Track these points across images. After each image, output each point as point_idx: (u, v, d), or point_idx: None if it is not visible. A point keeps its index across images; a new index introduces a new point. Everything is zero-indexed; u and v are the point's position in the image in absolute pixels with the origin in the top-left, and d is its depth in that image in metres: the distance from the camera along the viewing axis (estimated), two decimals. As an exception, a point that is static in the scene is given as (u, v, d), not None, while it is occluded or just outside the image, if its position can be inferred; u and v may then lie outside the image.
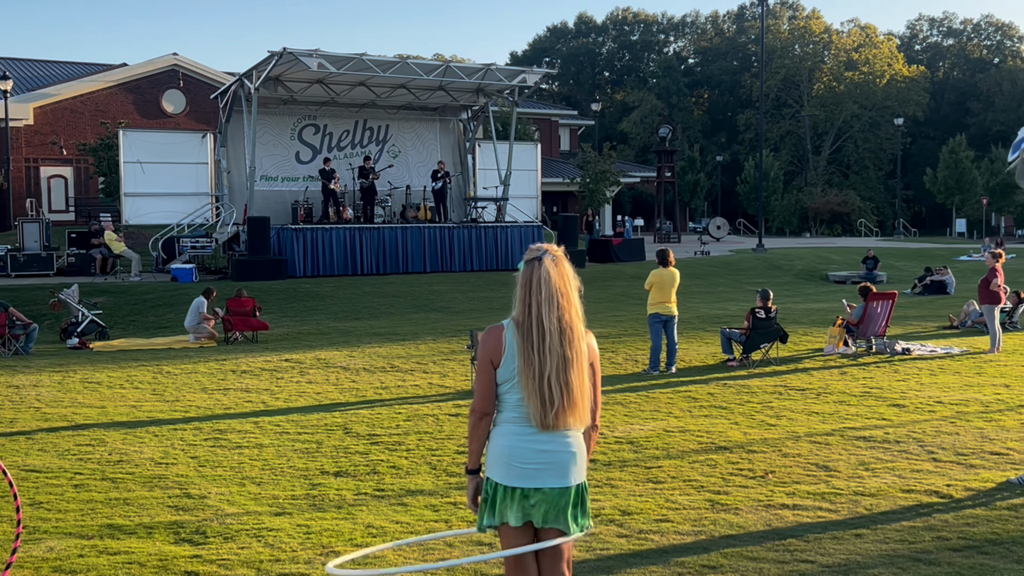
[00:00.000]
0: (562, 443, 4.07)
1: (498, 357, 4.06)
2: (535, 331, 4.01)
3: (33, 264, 27.31)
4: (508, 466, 4.05)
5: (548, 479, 4.04)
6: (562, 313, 4.04)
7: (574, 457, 4.09)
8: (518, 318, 4.07)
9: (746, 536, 6.48)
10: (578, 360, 4.05)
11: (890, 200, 79.85)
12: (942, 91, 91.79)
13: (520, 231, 30.87)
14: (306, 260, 27.63)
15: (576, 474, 4.10)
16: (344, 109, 31.43)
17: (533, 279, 4.06)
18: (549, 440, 4.05)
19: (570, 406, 4.01)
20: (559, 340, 4.01)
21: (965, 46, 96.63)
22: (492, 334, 4.11)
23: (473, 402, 4.15)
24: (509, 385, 4.06)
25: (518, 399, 4.05)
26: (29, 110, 42.24)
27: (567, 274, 4.11)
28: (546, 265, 4.07)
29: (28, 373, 14.31)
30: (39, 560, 6.11)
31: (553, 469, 4.05)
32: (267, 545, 6.41)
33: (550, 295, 4.03)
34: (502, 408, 4.12)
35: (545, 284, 4.04)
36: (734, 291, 27.84)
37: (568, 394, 4.00)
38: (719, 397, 11.86)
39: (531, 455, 4.03)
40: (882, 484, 7.74)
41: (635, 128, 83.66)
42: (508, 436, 4.08)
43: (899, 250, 41.65)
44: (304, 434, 9.97)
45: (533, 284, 4.05)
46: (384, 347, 16.79)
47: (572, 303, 4.07)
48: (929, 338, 17.32)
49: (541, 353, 3.99)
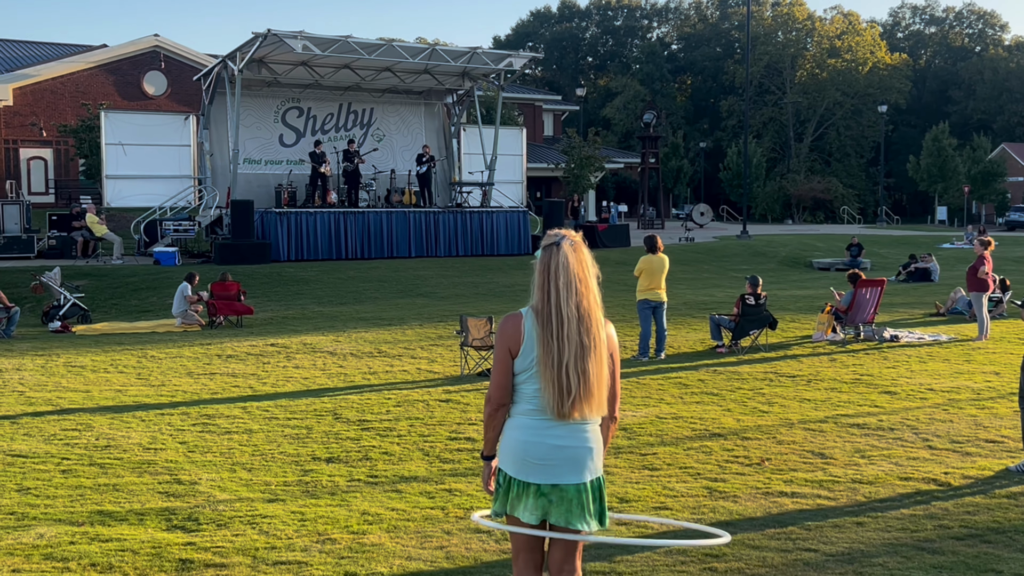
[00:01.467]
0: (579, 436, 3.97)
1: (516, 346, 3.95)
2: (554, 318, 3.90)
3: (13, 247, 27.00)
4: (523, 461, 3.95)
5: (564, 475, 3.94)
6: (580, 299, 3.94)
7: (591, 452, 3.99)
8: (536, 305, 3.96)
9: (746, 524, 6.43)
10: (596, 348, 3.95)
11: (872, 187, 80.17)
12: (924, 79, 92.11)
13: (505, 216, 30.76)
14: (290, 244, 27.43)
15: (593, 468, 4.00)
16: (328, 92, 31.18)
17: (551, 265, 3.96)
18: (566, 434, 3.95)
19: (587, 395, 3.91)
20: (577, 327, 3.91)
21: (947, 34, 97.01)
22: (510, 322, 4.00)
23: (489, 392, 4.04)
24: (527, 375, 3.96)
25: (535, 389, 3.94)
26: (8, 91, 41.71)
27: (585, 260, 4.01)
28: (564, 250, 3.97)
29: (10, 357, 14.12)
30: (29, 547, 5.98)
31: (570, 464, 3.95)
32: (261, 532, 6.30)
33: (568, 281, 3.93)
34: (518, 399, 4.01)
35: (563, 270, 3.94)
36: (719, 278, 27.84)
37: (585, 382, 3.90)
38: (710, 384, 11.82)
39: (547, 450, 3.93)
40: (879, 472, 7.70)
41: (618, 114, 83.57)
42: (523, 430, 3.97)
43: (882, 237, 41.78)
44: (293, 419, 9.86)
45: (551, 270, 3.95)
46: (371, 332, 16.67)
47: (590, 289, 3.99)
48: (916, 325, 17.34)
49: (560, 340, 3.88)
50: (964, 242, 39.16)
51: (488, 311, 17.95)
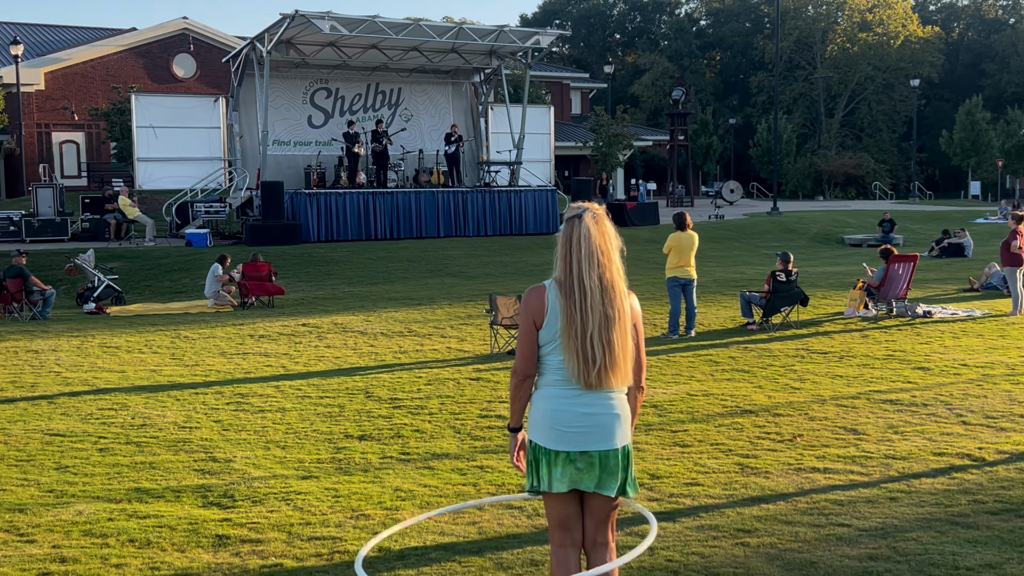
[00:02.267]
0: (606, 404, 4.01)
1: (540, 318, 3.99)
2: (576, 290, 3.94)
3: (48, 229, 27.29)
4: (551, 429, 3.99)
5: (593, 442, 3.98)
6: (603, 271, 3.97)
7: (618, 419, 4.03)
8: (559, 277, 4.00)
9: (778, 499, 6.42)
10: (620, 318, 3.98)
11: (904, 163, 79.29)
12: (957, 52, 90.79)
13: (533, 195, 30.70)
14: (320, 225, 27.54)
15: (621, 436, 4.04)
16: (356, 72, 31.20)
17: (573, 237, 3.99)
18: (592, 402, 3.99)
19: (612, 365, 3.95)
20: (600, 298, 3.95)
21: (980, 6, 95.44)
22: (534, 294, 4.03)
23: (515, 364, 4.08)
24: (552, 346, 4.00)
25: (560, 361, 3.98)
26: (40, 75, 42.07)
27: (608, 232, 4.04)
28: (587, 222, 4.00)
29: (47, 338, 14.31)
30: (68, 524, 6.09)
31: (598, 432, 3.99)
32: (296, 508, 6.37)
33: (590, 252, 3.96)
34: (544, 370, 4.05)
35: (585, 242, 3.98)
36: (750, 255, 27.69)
37: (610, 353, 3.94)
38: (741, 361, 11.78)
39: (575, 418, 3.97)
40: (912, 447, 7.66)
41: (647, 91, 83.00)
42: (551, 399, 4.01)
43: (915, 213, 41.36)
44: (326, 398, 9.94)
45: (573, 242, 3.98)
46: (400, 311, 16.74)
47: (613, 261, 4.01)
48: (950, 301, 17.18)
49: (583, 312, 3.92)
50: (998, 217, 38.68)
51: (517, 290, 17.96)
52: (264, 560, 5.45)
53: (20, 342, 13.87)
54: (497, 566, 5.31)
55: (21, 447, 8.03)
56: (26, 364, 12.07)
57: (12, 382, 10.90)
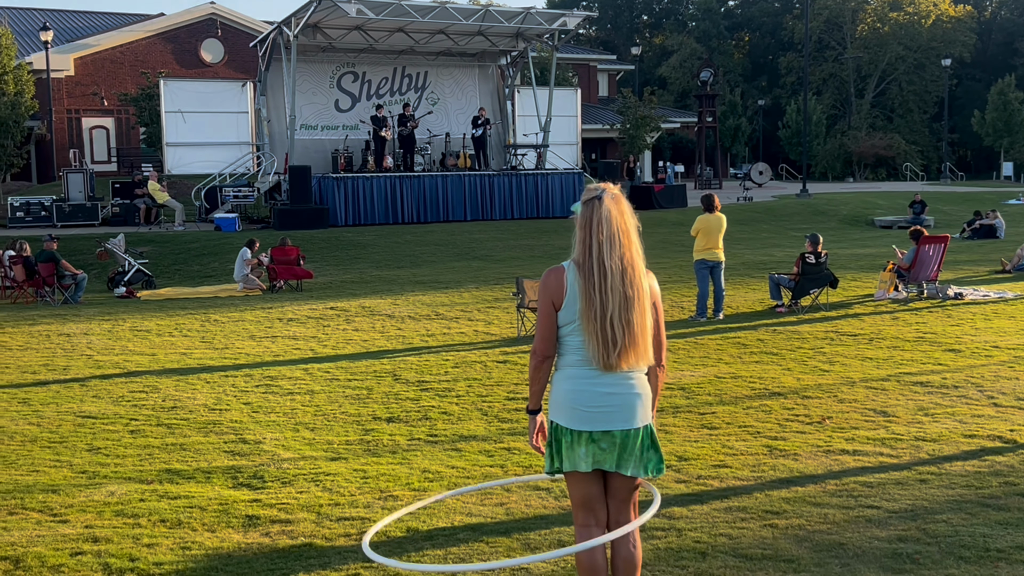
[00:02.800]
0: (627, 384, 4.01)
1: (560, 299, 3.99)
2: (596, 271, 3.93)
3: (78, 214, 27.55)
4: (573, 410, 3.99)
5: (615, 422, 3.99)
6: (623, 252, 3.97)
7: (639, 398, 4.03)
8: (578, 259, 3.99)
9: (807, 481, 6.40)
10: (640, 299, 3.98)
11: (935, 143, 78.39)
12: (989, 31, 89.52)
13: (560, 178, 30.64)
14: (347, 209, 27.63)
15: (642, 415, 4.04)
16: (383, 56, 31.20)
17: (593, 218, 3.97)
18: (613, 382, 3.99)
19: (632, 345, 3.95)
20: (620, 279, 3.94)
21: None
22: (553, 276, 4.03)
23: (534, 345, 4.08)
24: (571, 327, 3.99)
25: (580, 342, 3.98)
26: (70, 61, 42.34)
27: (626, 212, 4.04)
28: (606, 204, 3.99)
29: (78, 322, 14.46)
30: (101, 504, 6.16)
31: (619, 411, 3.99)
32: (325, 489, 6.41)
33: (611, 234, 3.95)
34: (564, 351, 4.05)
35: (606, 223, 3.96)
36: (778, 237, 27.52)
37: (630, 333, 3.94)
38: (769, 343, 11.72)
39: (597, 398, 3.97)
40: (943, 429, 7.60)
41: (674, 72, 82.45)
42: (572, 380, 4.01)
43: (946, 194, 40.92)
44: (354, 381, 9.99)
45: (593, 223, 3.96)
46: (428, 295, 16.78)
47: (632, 242, 4.01)
48: (981, 283, 17.02)
49: (603, 293, 3.91)
50: (1031, 198, 38.20)
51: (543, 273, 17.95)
52: (293, 540, 5.49)
53: (52, 326, 14.03)
54: (524, 546, 5.33)
55: (54, 429, 8.13)
56: (58, 347, 12.21)
57: (44, 365, 11.03)
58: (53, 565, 5.13)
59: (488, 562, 5.06)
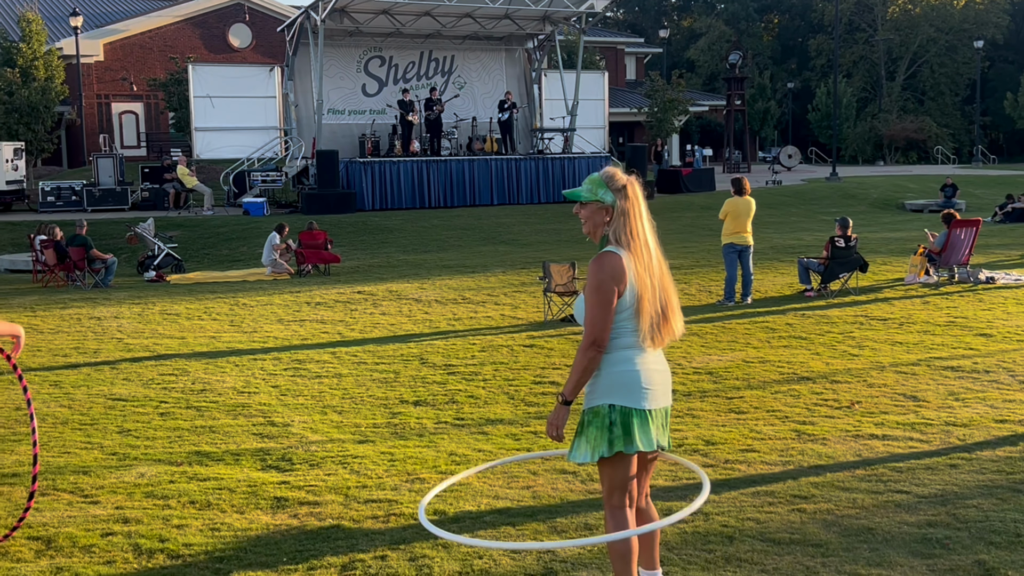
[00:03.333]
0: (664, 360, 4.19)
1: (624, 284, 3.99)
2: (644, 252, 4.04)
3: (108, 199, 27.78)
4: (640, 390, 4.02)
5: (665, 398, 4.13)
6: (654, 231, 4.16)
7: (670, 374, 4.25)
8: (626, 241, 4.03)
9: (836, 466, 6.36)
10: (669, 274, 4.16)
11: (967, 126, 77.47)
12: (1022, 12, 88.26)
13: (587, 162, 30.53)
14: (374, 193, 27.68)
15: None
16: (409, 40, 31.18)
17: (633, 202, 4.08)
18: (658, 359, 4.13)
19: (670, 320, 4.11)
20: (657, 259, 4.10)
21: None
22: (616, 261, 3.99)
23: (595, 335, 3.96)
24: (631, 311, 4.01)
25: (636, 324, 4.01)
26: (99, 46, 42.60)
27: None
28: (637, 187, 4.13)
29: (108, 305, 14.58)
30: (131, 485, 6.22)
31: (666, 387, 4.15)
32: (353, 472, 6.44)
33: (648, 214, 4.13)
34: (619, 334, 4.04)
35: (643, 204, 4.13)
36: (808, 221, 27.31)
37: (670, 308, 4.11)
38: (798, 327, 11.65)
39: (655, 376, 4.08)
40: (974, 414, 7.53)
41: (703, 55, 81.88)
42: (633, 361, 4.03)
43: (978, 177, 40.45)
44: (381, 364, 10.02)
45: (635, 207, 4.08)
46: (454, 279, 16.80)
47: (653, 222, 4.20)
48: (1014, 267, 16.82)
49: (650, 272, 4.04)
50: (1065, 181, 37.69)
51: (570, 257, 17.92)
52: (321, 522, 5.52)
53: (83, 309, 14.16)
54: (551, 530, 5.33)
55: (85, 411, 8.21)
56: (89, 331, 12.32)
57: (75, 348, 11.13)
58: (84, 545, 5.18)
59: (545, 542, 5.10)
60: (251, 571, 4.82)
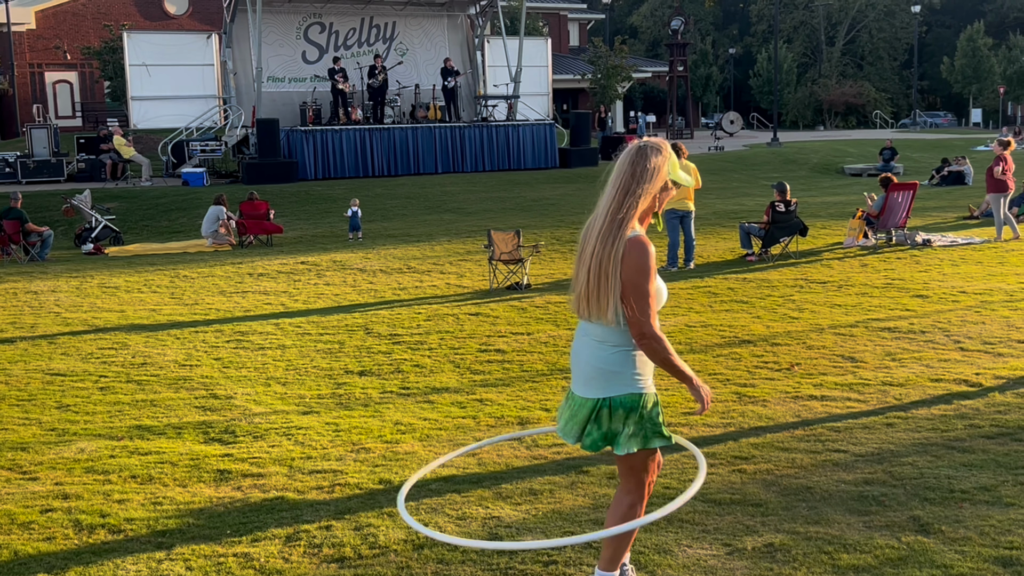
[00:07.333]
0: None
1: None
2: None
3: (43, 170, 27.16)
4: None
5: None
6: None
7: None
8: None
9: (775, 427, 6.46)
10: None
11: (905, 91, 78.58)
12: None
13: (532, 129, 30.48)
14: (316, 162, 27.39)
15: None
16: (350, 6, 30.76)
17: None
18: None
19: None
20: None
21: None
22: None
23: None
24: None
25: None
26: (31, 14, 41.53)
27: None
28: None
29: (45, 279, 14.31)
30: (71, 461, 6.13)
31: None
32: (297, 443, 6.42)
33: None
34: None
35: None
36: (750, 186, 27.56)
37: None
38: (739, 292, 11.79)
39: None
40: (910, 374, 7.69)
41: (645, 22, 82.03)
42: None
43: (915, 141, 41.08)
44: (326, 335, 9.96)
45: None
46: (399, 248, 16.72)
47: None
48: (950, 229, 17.15)
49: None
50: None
51: (515, 225, 17.94)
52: (265, 494, 5.49)
53: (19, 283, 13.88)
54: (497, 496, 5.36)
55: (22, 387, 8.07)
56: (25, 305, 12.09)
57: (12, 323, 10.92)
58: (23, 523, 5.11)
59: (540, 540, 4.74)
60: (194, 544, 4.79)
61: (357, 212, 18.39)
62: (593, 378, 3.82)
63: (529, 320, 10.44)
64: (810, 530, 4.75)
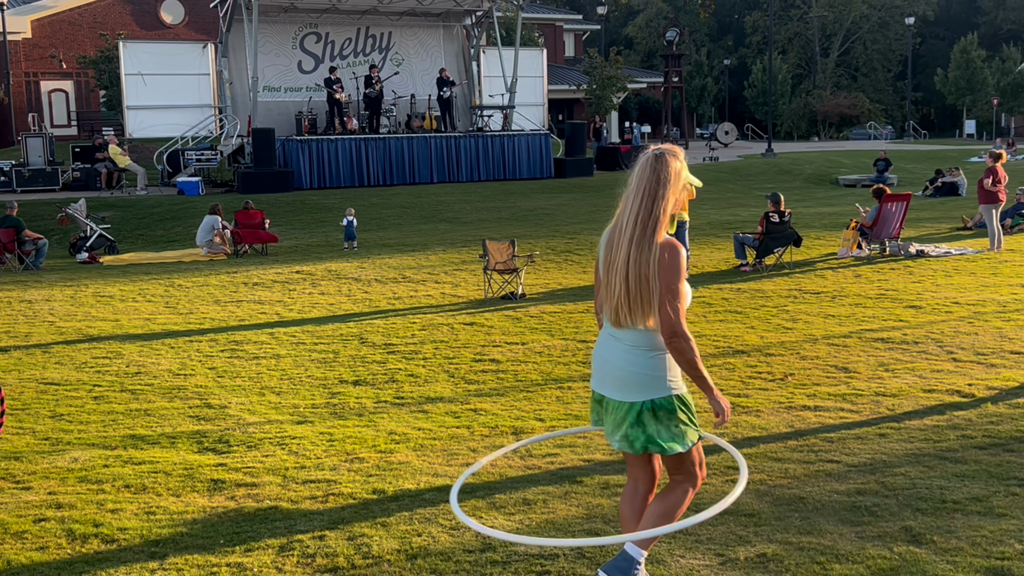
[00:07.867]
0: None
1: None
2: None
3: (38, 179, 27.13)
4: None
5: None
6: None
7: None
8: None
9: (768, 437, 6.48)
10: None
11: (899, 102, 78.76)
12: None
13: (527, 139, 30.53)
14: (312, 172, 27.41)
15: None
16: (346, 16, 30.80)
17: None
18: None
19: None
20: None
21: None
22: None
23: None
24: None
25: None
26: (27, 23, 41.54)
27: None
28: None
29: (40, 288, 14.30)
30: (64, 470, 6.13)
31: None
32: (291, 453, 6.42)
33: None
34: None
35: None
36: (744, 197, 27.62)
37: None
38: (733, 302, 11.81)
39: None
40: (903, 385, 7.71)
41: (641, 32, 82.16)
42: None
43: (910, 152, 41.20)
44: (320, 344, 9.96)
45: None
46: (394, 258, 16.74)
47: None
48: (943, 240, 17.20)
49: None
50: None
51: (510, 235, 17.97)
52: (259, 503, 5.49)
53: (14, 292, 13.87)
54: (491, 506, 5.37)
55: (16, 396, 8.06)
56: (20, 314, 12.08)
57: (6, 332, 10.91)
58: (16, 532, 5.10)
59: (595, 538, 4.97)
60: (187, 554, 4.79)
61: (352, 221, 18.41)
62: (631, 383, 3.91)
63: (524, 330, 10.45)
64: (802, 540, 4.76)
